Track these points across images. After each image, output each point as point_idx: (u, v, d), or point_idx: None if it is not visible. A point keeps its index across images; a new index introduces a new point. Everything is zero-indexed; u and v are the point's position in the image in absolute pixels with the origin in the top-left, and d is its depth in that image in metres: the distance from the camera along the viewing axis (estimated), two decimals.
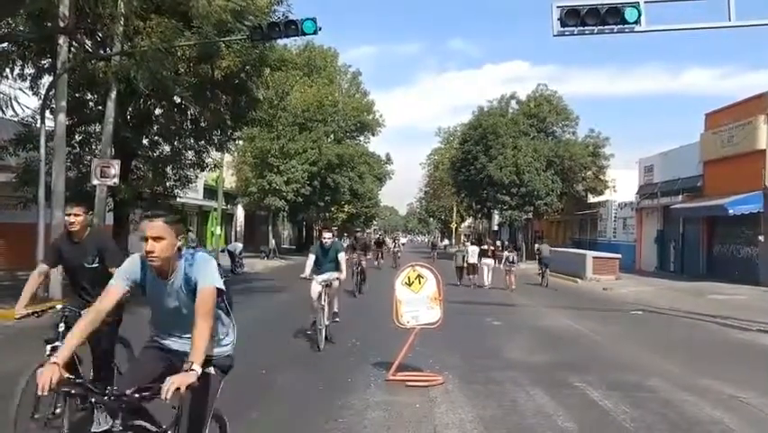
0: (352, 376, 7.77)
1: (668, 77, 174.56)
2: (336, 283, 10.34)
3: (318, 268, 10.23)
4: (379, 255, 33.66)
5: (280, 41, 20.14)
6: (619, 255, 29.25)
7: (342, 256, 10.31)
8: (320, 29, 13.52)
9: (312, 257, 10.25)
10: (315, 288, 9.89)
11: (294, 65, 31.71)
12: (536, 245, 29.89)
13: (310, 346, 9.73)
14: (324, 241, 10.32)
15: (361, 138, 49.81)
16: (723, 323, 14.31)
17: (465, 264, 23.59)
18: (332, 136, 43.27)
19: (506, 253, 23.96)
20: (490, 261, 23.45)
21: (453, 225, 73.49)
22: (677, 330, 13.73)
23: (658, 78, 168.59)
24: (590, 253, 29.11)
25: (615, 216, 39.68)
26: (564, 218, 48.16)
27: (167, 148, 20.54)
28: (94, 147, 18.47)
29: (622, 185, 40.49)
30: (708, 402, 6.99)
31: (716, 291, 20.84)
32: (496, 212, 46.93)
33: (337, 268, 10.25)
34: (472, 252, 23.90)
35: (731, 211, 23.64)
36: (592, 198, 43.98)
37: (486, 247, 24.63)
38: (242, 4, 14.88)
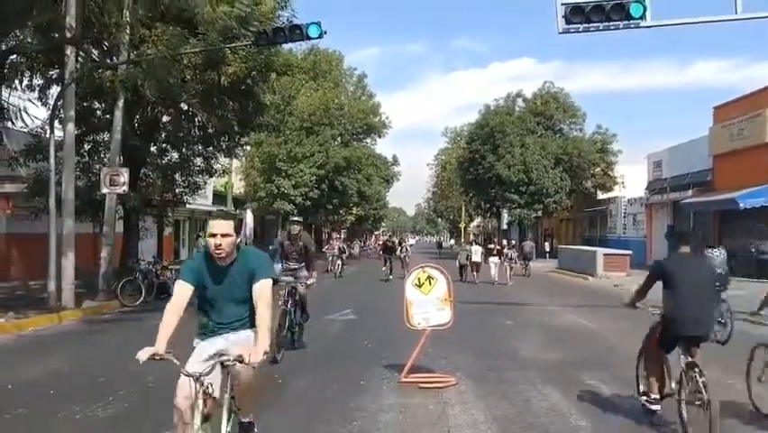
0: (364, 378, 7.77)
1: (675, 70, 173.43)
2: (248, 373, 4.07)
3: (205, 323, 4.25)
4: (388, 263, 25.79)
5: (285, 46, 20.16)
6: (630, 251, 29.09)
7: (264, 290, 4.02)
8: (325, 32, 13.52)
9: (183, 292, 4.05)
10: (184, 387, 3.90)
11: (300, 69, 31.86)
12: (542, 242, 31.36)
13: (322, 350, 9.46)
14: (211, 245, 4.04)
15: (368, 140, 49.86)
16: (737, 318, 14.18)
17: (468, 262, 24.97)
18: (339, 139, 43.31)
19: (505, 251, 26.13)
20: (496, 258, 25.18)
21: (462, 225, 73.36)
22: None
23: (665, 72, 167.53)
24: (601, 250, 29.00)
25: (624, 213, 39.49)
26: (574, 216, 48.00)
27: (175, 155, 20.65)
28: (103, 156, 18.58)
29: (631, 181, 40.36)
30: (723, 398, 6.93)
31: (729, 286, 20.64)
32: (505, 211, 46.86)
33: (250, 324, 4.18)
34: (475, 251, 25.26)
35: (742, 205, 23.47)
36: (601, 195, 43.85)
37: (492, 246, 27.18)
38: (246, 10, 14.91)
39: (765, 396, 6.10)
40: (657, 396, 5.84)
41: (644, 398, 6.02)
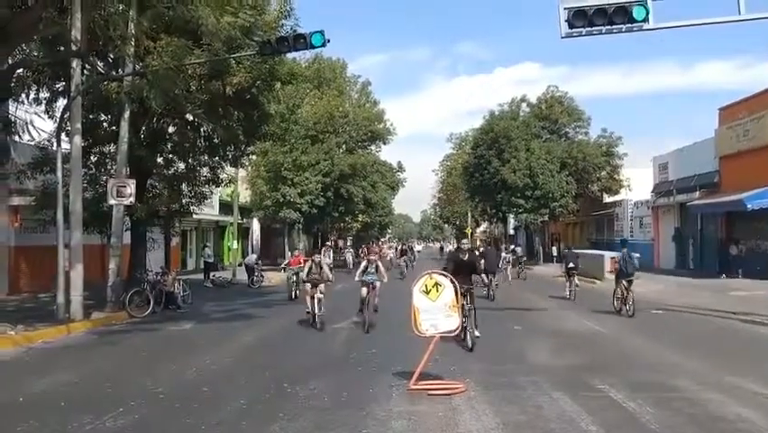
0: (373, 386, 7.76)
1: (680, 72, 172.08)
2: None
3: None
4: (467, 298, 10.91)
5: (289, 55, 20.23)
6: (637, 255, 28.88)
7: None
8: (328, 41, 13.54)
9: None
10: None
11: (304, 78, 31.93)
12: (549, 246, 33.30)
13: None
14: None
15: (373, 147, 49.88)
16: (745, 319, 14.14)
17: None
18: (343, 147, 43.37)
19: (503, 254, 27.96)
20: None
21: (468, 231, 73.17)
22: (699, 328, 13.58)
23: (670, 74, 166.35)
24: (608, 254, 28.82)
25: (631, 216, 39.36)
26: (581, 219, 47.85)
27: (181, 165, 20.72)
28: (109, 167, 18.67)
29: (637, 184, 40.18)
30: (733, 400, 6.91)
31: (736, 288, 20.58)
32: (511, 216, 46.69)
33: None
34: None
35: (749, 206, 23.35)
36: (607, 198, 43.69)
37: None
38: (250, 21, 14.99)
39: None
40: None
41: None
